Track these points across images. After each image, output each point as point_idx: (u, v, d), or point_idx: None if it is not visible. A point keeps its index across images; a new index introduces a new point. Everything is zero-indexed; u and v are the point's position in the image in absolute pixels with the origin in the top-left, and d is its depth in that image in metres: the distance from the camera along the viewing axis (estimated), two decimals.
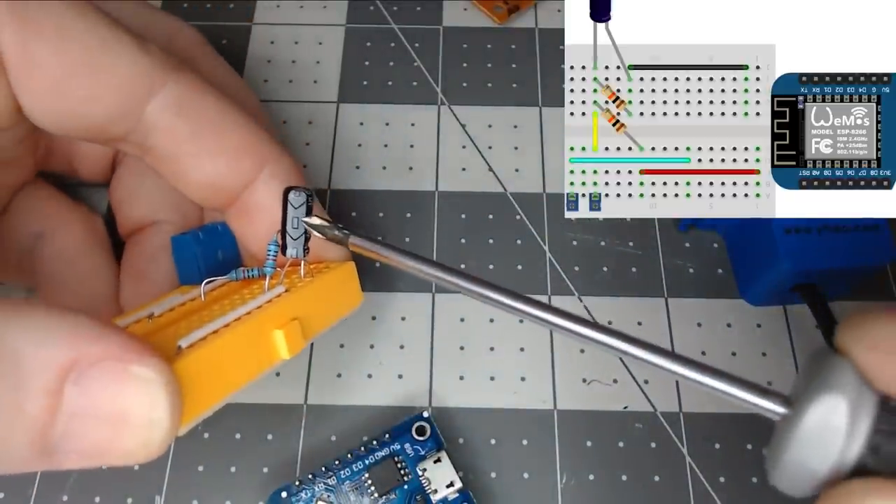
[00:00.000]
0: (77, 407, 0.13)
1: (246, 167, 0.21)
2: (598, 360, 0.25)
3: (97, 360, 0.13)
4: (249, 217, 0.22)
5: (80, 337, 0.13)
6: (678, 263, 0.27)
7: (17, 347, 0.12)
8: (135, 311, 0.20)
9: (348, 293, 0.22)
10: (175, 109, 0.20)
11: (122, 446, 0.14)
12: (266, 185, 0.21)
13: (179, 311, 0.20)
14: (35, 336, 0.13)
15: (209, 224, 0.23)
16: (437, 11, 0.33)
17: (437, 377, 0.25)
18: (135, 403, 0.13)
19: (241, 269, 0.21)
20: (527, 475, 0.24)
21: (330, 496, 0.22)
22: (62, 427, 0.13)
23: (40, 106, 0.19)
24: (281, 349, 0.19)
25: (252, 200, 0.21)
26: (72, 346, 0.13)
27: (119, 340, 0.13)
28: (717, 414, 0.25)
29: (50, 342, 0.13)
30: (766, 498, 0.23)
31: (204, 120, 0.20)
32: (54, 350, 0.13)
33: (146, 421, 0.14)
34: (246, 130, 0.21)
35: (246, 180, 0.21)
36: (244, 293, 0.21)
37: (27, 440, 0.13)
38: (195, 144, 0.20)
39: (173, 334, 0.18)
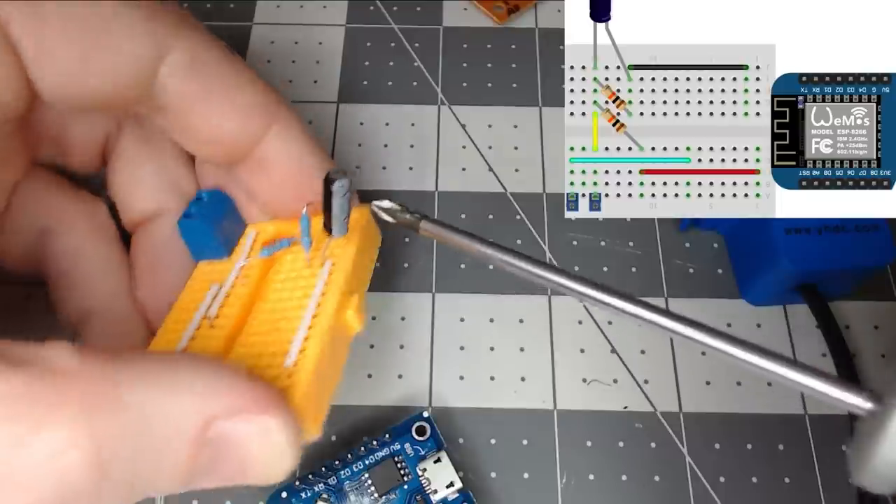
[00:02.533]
0: (215, 453, 0.15)
1: (256, 122, 0.21)
2: (598, 360, 0.25)
3: (234, 413, 0.15)
4: (262, 171, 0.22)
5: (219, 393, 0.15)
6: (678, 263, 0.27)
7: (165, 404, 0.14)
8: (180, 312, 0.21)
9: (372, 236, 0.22)
10: (185, 69, 0.20)
11: (250, 480, 0.16)
12: (277, 139, 0.21)
13: (234, 305, 0.20)
14: (181, 395, 0.14)
15: (201, 194, 0.23)
16: (437, 11, 0.33)
17: (437, 377, 0.25)
18: (263, 450, 0.15)
19: (274, 245, 0.21)
20: (527, 475, 0.24)
21: (330, 496, 0.22)
22: (201, 470, 0.15)
23: (60, 91, 0.19)
24: (354, 326, 0.19)
25: (264, 155, 0.22)
26: (215, 401, 0.15)
27: (252, 394, 0.15)
28: (716, 414, 0.25)
29: (196, 398, 0.15)
30: (767, 498, 0.23)
31: (214, 77, 0.20)
32: (200, 406, 0.15)
33: (273, 462, 0.16)
34: (254, 86, 0.21)
35: (258, 135, 0.21)
36: (288, 272, 0.21)
37: (170, 484, 0.15)
38: (206, 103, 0.20)
39: (250, 342, 0.19)
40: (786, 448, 0.24)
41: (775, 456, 0.24)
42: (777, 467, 0.24)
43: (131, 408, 0.13)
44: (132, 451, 0.13)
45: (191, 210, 0.22)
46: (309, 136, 0.22)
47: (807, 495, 0.24)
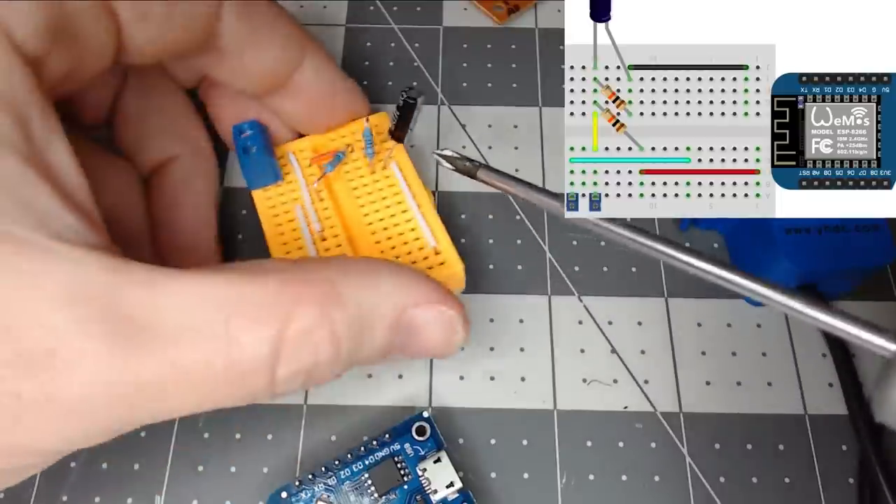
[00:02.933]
0: (406, 334, 0.19)
1: (295, 53, 0.24)
2: (598, 360, 0.25)
3: (420, 304, 0.19)
4: (297, 97, 0.25)
5: (408, 288, 0.19)
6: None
7: (371, 297, 0.19)
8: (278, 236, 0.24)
9: None
10: (236, 13, 0.22)
11: (431, 354, 0.21)
12: (310, 67, 0.25)
13: (330, 217, 0.25)
14: (382, 291, 0.19)
15: (242, 127, 0.26)
16: (437, 11, 0.33)
17: (437, 377, 0.25)
18: (442, 330, 0.20)
19: (332, 161, 0.25)
20: (527, 475, 0.24)
21: (330, 496, 0.22)
22: (396, 346, 0.19)
23: (150, 46, 0.21)
24: None
25: (299, 81, 0.25)
26: (406, 295, 0.19)
27: (429, 288, 0.20)
28: (716, 414, 0.25)
29: (393, 293, 0.19)
30: (767, 498, 0.23)
31: (258, 16, 0.23)
32: (396, 299, 0.19)
33: (449, 339, 0.20)
34: (287, 19, 0.24)
35: (296, 64, 0.24)
36: (359, 179, 0.25)
37: (373, 356, 0.19)
38: (254, 40, 0.23)
39: (380, 238, 0.24)
40: (786, 448, 0.24)
41: (775, 456, 0.24)
42: (777, 467, 0.24)
43: (349, 302, 0.18)
44: (351, 332, 0.18)
45: (246, 143, 0.25)
46: (334, 64, 0.26)
47: (807, 495, 0.24)
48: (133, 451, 0.24)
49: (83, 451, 0.24)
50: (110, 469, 0.24)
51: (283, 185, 0.26)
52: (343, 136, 0.27)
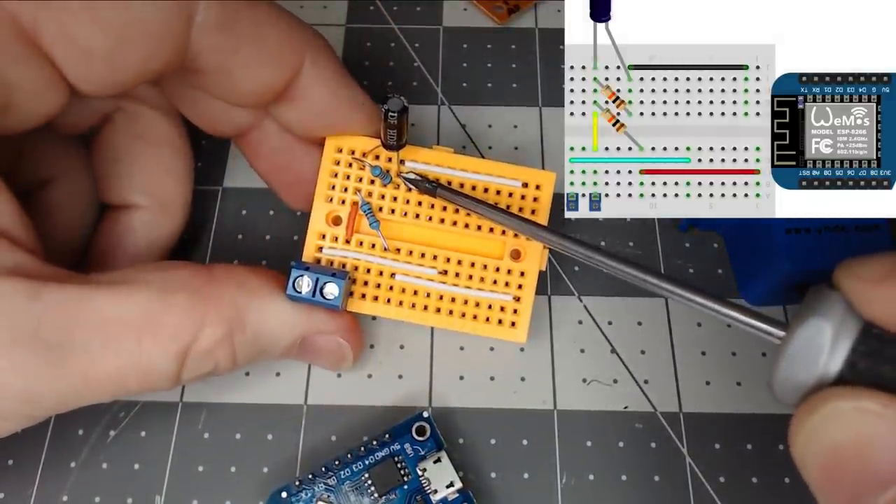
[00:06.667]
0: (301, 352, 0.23)
1: (289, 60, 0.22)
2: (598, 360, 0.25)
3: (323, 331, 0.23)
4: (300, 102, 0.23)
5: (308, 319, 0.22)
6: (678, 263, 0.27)
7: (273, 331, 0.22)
8: None
9: None
10: (214, 26, 0.20)
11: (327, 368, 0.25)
12: (310, 75, 0.22)
13: None
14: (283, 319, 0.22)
15: None
16: (437, 11, 0.33)
17: (437, 377, 0.25)
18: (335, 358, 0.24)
19: None
20: (527, 475, 0.24)
21: (330, 496, 0.22)
22: (291, 356, 0.23)
23: (98, 82, 0.19)
24: None
25: (300, 88, 0.22)
26: (309, 325, 0.22)
27: (334, 321, 0.23)
28: (717, 414, 0.25)
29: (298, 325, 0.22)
30: (767, 498, 0.23)
31: (243, 27, 0.21)
32: (299, 330, 0.22)
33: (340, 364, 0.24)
34: (281, 22, 0.22)
35: (292, 72, 0.22)
36: (389, 195, 0.24)
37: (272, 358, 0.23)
38: (240, 56, 0.21)
39: None
40: (786, 448, 0.24)
41: (775, 456, 0.24)
42: (777, 467, 0.24)
43: (249, 329, 0.21)
44: (249, 352, 0.21)
45: None
46: (339, 66, 0.23)
47: (807, 495, 0.23)
48: (133, 451, 0.24)
49: (83, 450, 0.24)
50: (110, 469, 0.24)
51: None
52: None
